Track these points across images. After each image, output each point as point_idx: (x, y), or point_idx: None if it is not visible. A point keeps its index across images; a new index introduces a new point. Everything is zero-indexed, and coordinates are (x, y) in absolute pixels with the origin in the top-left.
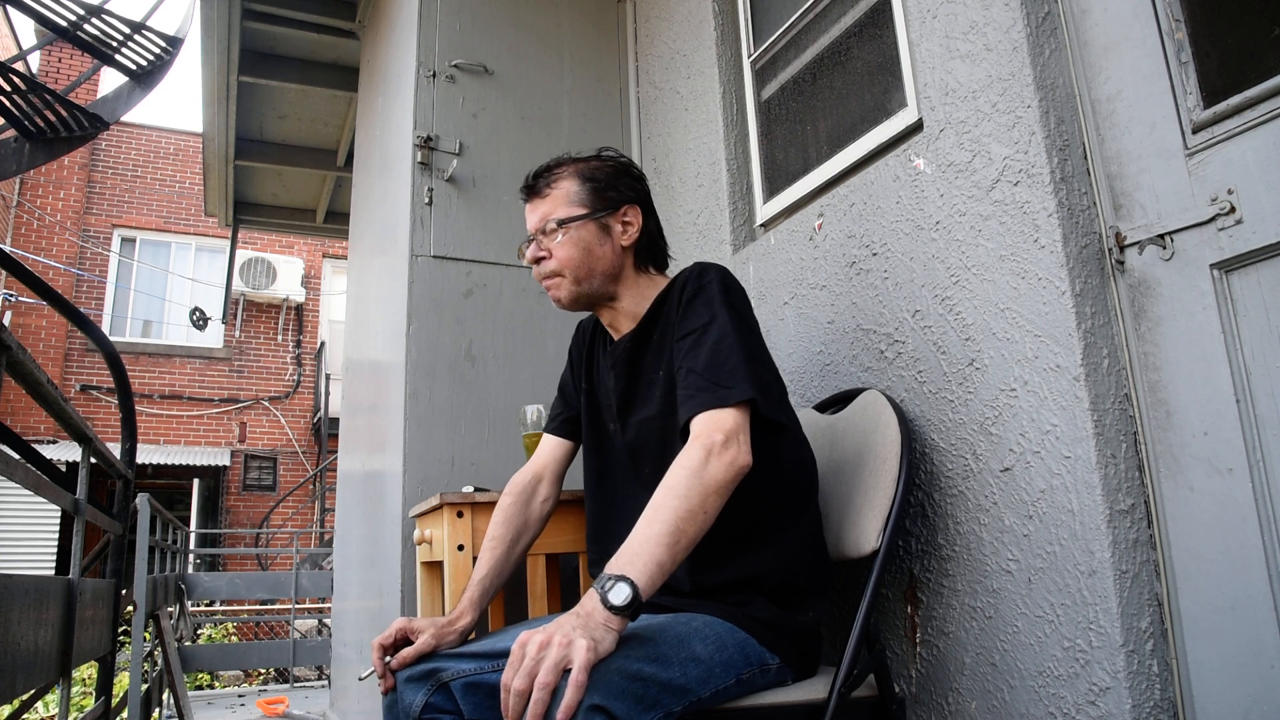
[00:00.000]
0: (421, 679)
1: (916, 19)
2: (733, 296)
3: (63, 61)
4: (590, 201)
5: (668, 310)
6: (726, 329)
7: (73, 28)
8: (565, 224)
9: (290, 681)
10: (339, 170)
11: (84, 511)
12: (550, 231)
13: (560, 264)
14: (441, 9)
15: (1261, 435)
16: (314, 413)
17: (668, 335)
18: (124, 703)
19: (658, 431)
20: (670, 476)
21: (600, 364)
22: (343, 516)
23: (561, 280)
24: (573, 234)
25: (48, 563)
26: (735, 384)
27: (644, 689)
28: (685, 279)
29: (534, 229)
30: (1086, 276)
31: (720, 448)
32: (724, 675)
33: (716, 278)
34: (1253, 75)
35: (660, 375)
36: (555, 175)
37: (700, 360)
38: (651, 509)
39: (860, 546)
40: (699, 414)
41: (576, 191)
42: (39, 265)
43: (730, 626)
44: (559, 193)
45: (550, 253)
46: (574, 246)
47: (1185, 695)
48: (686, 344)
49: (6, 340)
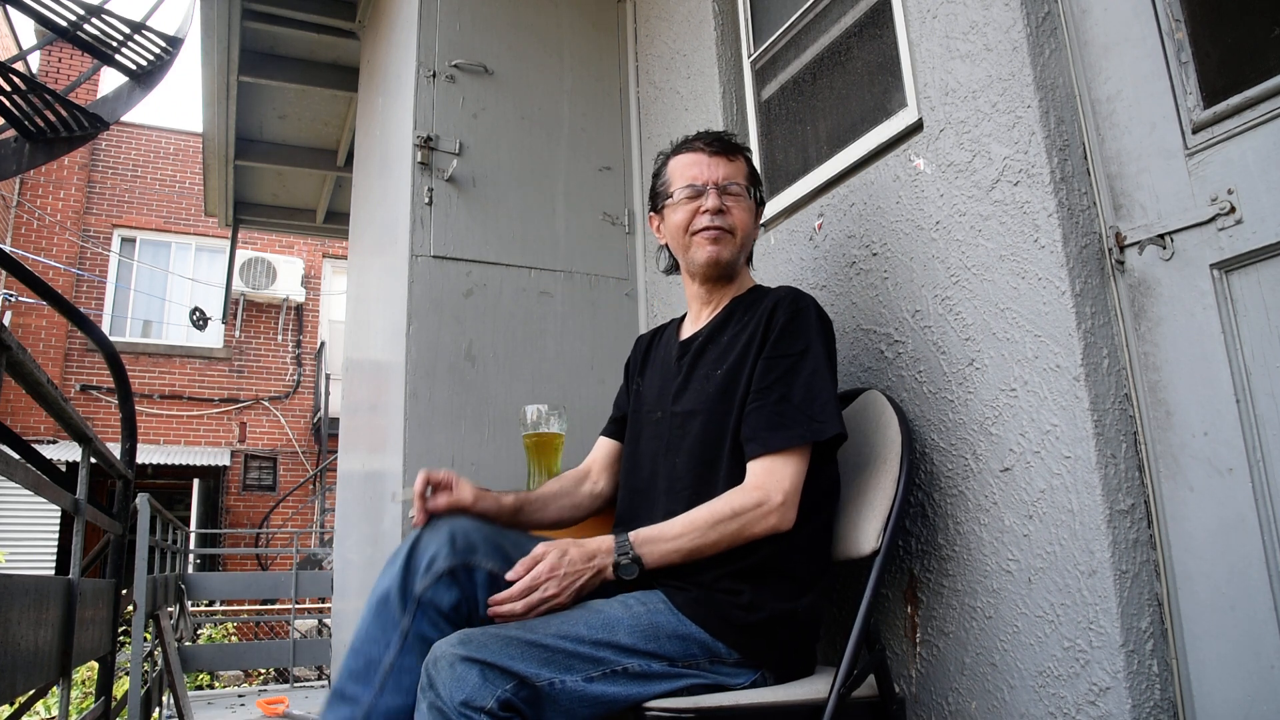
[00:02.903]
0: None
1: (916, 19)
2: (826, 330)
3: (63, 61)
4: (755, 187)
5: (749, 320)
6: (820, 361)
7: (73, 28)
8: (752, 193)
9: (290, 681)
10: (339, 170)
11: (84, 511)
12: (737, 193)
13: (737, 223)
14: (441, 9)
15: (1261, 435)
16: (314, 413)
17: (739, 341)
18: (124, 703)
19: (698, 428)
20: (721, 509)
21: (655, 361)
22: (343, 516)
23: (731, 238)
24: (749, 204)
25: (48, 563)
26: (828, 419)
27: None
28: (780, 298)
29: (722, 179)
30: (1086, 276)
31: (776, 509)
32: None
33: (814, 307)
34: (1253, 75)
35: (718, 374)
36: (741, 148)
37: (796, 389)
38: (691, 524)
39: (860, 546)
40: (785, 449)
41: (749, 173)
42: (39, 265)
43: (679, 616)
44: (743, 164)
45: (729, 210)
46: (749, 214)
47: (1185, 695)
48: (782, 366)
49: (6, 340)
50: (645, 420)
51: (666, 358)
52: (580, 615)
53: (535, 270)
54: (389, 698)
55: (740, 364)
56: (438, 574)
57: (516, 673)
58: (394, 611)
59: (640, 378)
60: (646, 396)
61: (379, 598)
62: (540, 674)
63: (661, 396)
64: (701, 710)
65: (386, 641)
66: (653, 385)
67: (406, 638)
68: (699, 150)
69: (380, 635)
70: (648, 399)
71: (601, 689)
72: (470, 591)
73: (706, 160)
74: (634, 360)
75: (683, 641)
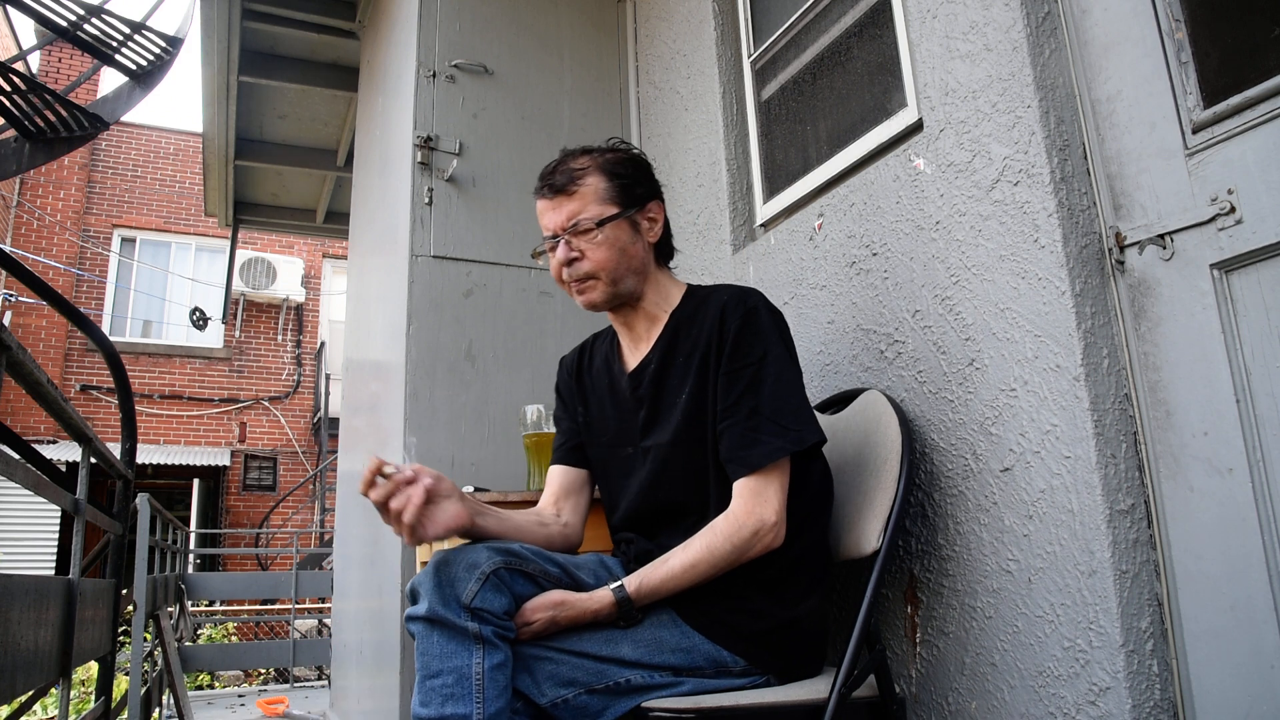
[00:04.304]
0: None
1: (916, 19)
2: (782, 328)
3: (63, 61)
4: (620, 199)
5: (697, 333)
6: (783, 364)
7: (73, 28)
8: (602, 224)
9: (290, 681)
10: (339, 170)
11: (84, 511)
12: (584, 231)
13: (597, 266)
14: (441, 9)
15: (1261, 435)
16: (314, 413)
17: (693, 360)
18: (124, 703)
19: (679, 460)
20: (719, 547)
21: (597, 390)
22: (343, 516)
23: (597, 283)
24: (608, 234)
25: (48, 563)
26: (803, 425)
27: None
28: (724, 304)
29: (559, 228)
30: (1086, 276)
31: (771, 529)
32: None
33: (762, 305)
34: (1253, 75)
35: (682, 399)
36: (580, 171)
37: (765, 400)
38: (690, 566)
39: (861, 547)
40: (766, 466)
41: (605, 189)
42: (39, 265)
43: (684, 628)
44: (588, 190)
45: (583, 254)
46: (609, 247)
47: (1185, 695)
48: (745, 378)
49: (6, 340)
50: (612, 456)
51: (615, 388)
52: (585, 630)
53: (535, 270)
54: (492, 704)
55: (702, 385)
56: (483, 576)
57: (521, 693)
58: (456, 622)
59: (583, 407)
60: (600, 429)
61: (425, 617)
62: (544, 692)
63: (625, 431)
64: (702, 710)
65: (468, 651)
66: (606, 418)
67: (484, 640)
68: (540, 195)
69: (458, 649)
70: (604, 432)
71: (604, 701)
72: (518, 593)
73: (548, 206)
74: (565, 385)
75: (687, 654)
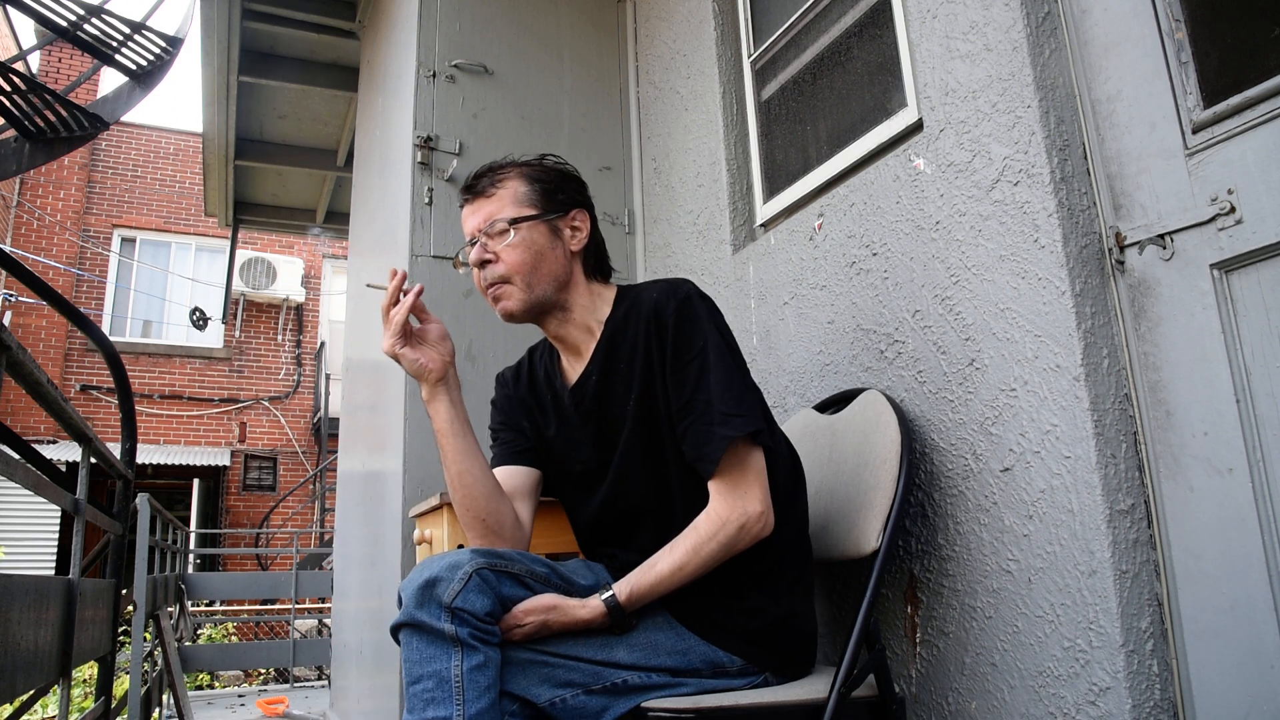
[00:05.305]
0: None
1: (916, 19)
2: (715, 315)
3: (63, 61)
4: (540, 203)
5: (635, 336)
6: (720, 350)
7: (73, 28)
8: (516, 224)
9: (290, 681)
10: (339, 170)
11: (84, 511)
12: (498, 233)
13: (510, 268)
14: (441, 9)
15: (1261, 435)
16: (314, 413)
17: (635, 363)
18: (124, 703)
19: (639, 469)
20: (698, 543)
21: (541, 406)
22: (343, 516)
23: (511, 288)
24: (523, 235)
25: (48, 563)
26: (746, 410)
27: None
28: (656, 301)
29: (476, 230)
30: (1086, 276)
31: (757, 519)
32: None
33: (693, 294)
34: (1253, 75)
35: (629, 406)
36: (501, 175)
37: (714, 389)
38: (679, 567)
39: (860, 546)
40: (730, 455)
41: (525, 192)
42: (39, 265)
43: (679, 630)
44: (506, 192)
45: (497, 256)
46: (525, 250)
47: (1185, 695)
48: (693, 372)
49: (6, 340)
50: (568, 473)
51: (559, 404)
52: (578, 636)
53: None
54: (473, 705)
55: (648, 385)
56: (465, 575)
57: (518, 695)
58: (433, 625)
59: (530, 421)
60: (553, 445)
61: (405, 622)
62: (541, 693)
63: (575, 446)
64: (701, 710)
65: (446, 653)
66: (556, 435)
67: (460, 642)
68: (463, 203)
69: (436, 652)
70: (557, 448)
71: (602, 701)
72: (505, 595)
73: (469, 211)
74: (507, 400)
75: (683, 656)
